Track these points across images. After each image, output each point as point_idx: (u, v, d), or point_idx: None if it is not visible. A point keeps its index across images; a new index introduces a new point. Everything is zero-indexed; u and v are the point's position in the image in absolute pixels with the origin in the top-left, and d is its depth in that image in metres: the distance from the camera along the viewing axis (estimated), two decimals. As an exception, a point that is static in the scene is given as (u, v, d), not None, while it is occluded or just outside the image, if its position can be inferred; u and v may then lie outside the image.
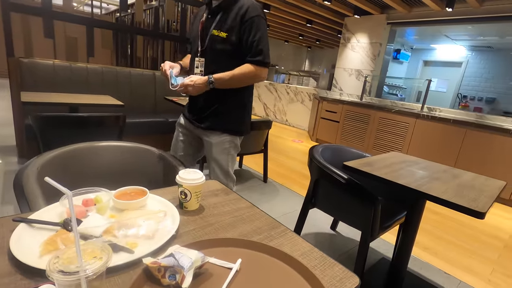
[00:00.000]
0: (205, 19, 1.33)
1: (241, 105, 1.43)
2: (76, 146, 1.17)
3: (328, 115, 4.97)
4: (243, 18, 1.26)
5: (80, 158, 1.17)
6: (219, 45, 1.29)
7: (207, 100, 1.37)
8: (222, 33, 1.27)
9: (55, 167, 1.06)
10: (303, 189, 2.92)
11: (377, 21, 5.24)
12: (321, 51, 11.73)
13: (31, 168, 0.97)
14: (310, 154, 1.72)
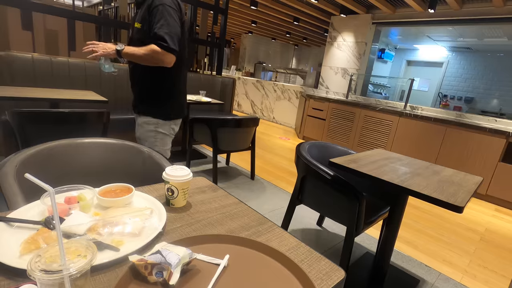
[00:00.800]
0: (134, 13, 1.54)
1: (166, 93, 1.60)
2: (57, 143, 1.13)
3: (314, 112, 5.03)
4: (149, 8, 1.40)
5: (62, 155, 1.13)
6: (136, 35, 1.47)
7: (138, 89, 1.62)
8: (137, 24, 1.45)
9: (35, 165, 1.02)
10: (290, 186, 2.94)
11: (363, 21, 5.33)
12: (308, 50, 11.82)
13: (9, 166, 0.93)
14: (297, 151, 1.73)
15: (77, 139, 1.20)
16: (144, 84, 1.58)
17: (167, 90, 1.60)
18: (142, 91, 1.60)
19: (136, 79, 1.60)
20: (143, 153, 1.27)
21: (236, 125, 2.60)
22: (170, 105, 1.63)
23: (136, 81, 1.60)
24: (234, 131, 2.63)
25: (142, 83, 1.59)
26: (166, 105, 1.61)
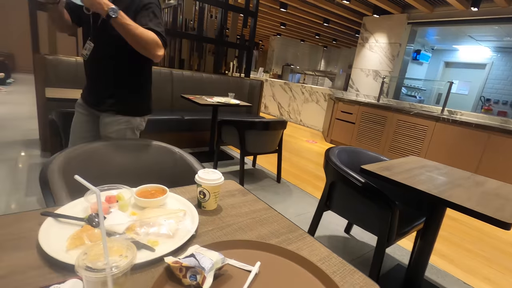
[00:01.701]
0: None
1: (136, 89, 1.44)
2: (99, 143, 1.21)
3: (343, 116, 4.90)
4: (137, 3, 1.25)
5: (102, 154, 1.20)
6: (115, 31, 1.20)
7: (106, 85, 1.39)
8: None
9: (78, 163, 1.09)
10: (317, 190, 2.89)
11: (397, 21, 5.11)
12: (338, 51, 11.57)
13: (55, 163, 1.00)
14: (326, 156, 1.70)
15: (117, 139, 1.27)
16: (125, 84, 1.41)
17: (147, 88, 1.49)
18: (120, 91, 1.41)
19: (117, 80, 1.38)
20: (174, 154, 1.31)
21: (264, 128, 2.60)
22: (147, 100, 1.51)
23: (117, 83, 1.39)
24: (262, 133, 2.64)
25: (122, 84, 1.40)
26: (143, 101, 1.49)
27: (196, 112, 3.44)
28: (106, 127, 1.43)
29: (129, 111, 1.44)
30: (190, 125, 3.46)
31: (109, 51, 1.31)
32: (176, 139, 3.40)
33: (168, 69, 3.57)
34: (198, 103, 2.87)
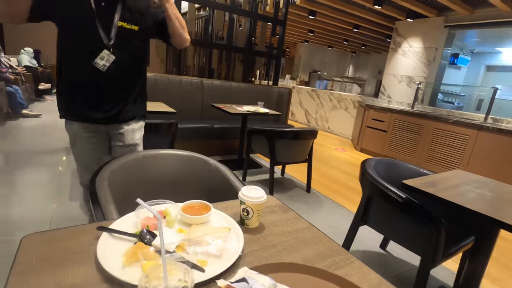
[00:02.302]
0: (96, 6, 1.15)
1: (145, 92, 1.46)
2: (140, 154, 1.25)
3: (374, 123, 4.73)
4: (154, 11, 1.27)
5: (143, 164, 1.24)
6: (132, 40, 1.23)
7: (127, 94, 1.34)
8: (132, 25, 1.22)
9: (122, 173, 1.14)
10: (348, 201, 2.80)
11: (433, 24, 4.88)
12: (367, 56, 11.27)
13: (103, 174, 1.05)
14: (362, 168, 1.64)
15: (156, 150, 1.31)
16: (139, 88, 1.40)
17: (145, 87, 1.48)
18: (137, 89, 1.38)
19: (130, 79, 1.33)
20: (210, 165, 1.32)
21: (294, 137, 2.58)
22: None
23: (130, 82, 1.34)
24: (292, 143, 2.61)
25: (138, 81, 1.38)
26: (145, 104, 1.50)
27: (225, 120, 3.50)
28: (134, 134, 1.42)
29: (145, 115, 1.49)
30: (220, 133, 3.51)
31: (130, 60, 1.29)
32: (206, 147, 3.47)
33: (199, 79, 3.67)
34: (228, 112, 2.91)
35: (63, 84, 1.27)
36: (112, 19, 1.17)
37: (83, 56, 1.18)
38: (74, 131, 1.31)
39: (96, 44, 1.16)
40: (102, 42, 1.17)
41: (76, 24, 1.15)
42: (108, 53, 1.18)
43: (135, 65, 1.32)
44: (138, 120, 1.43)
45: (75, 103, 1.27)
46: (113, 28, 1.17)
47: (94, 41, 1.16)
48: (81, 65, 1.21)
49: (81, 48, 1.19)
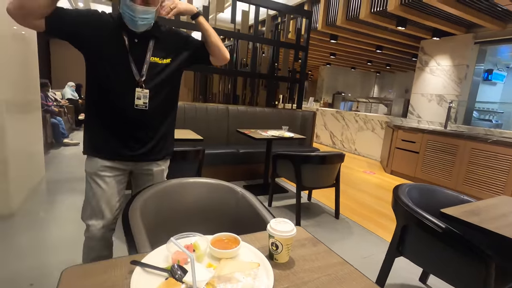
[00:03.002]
0: (130, 43, 1.15)
1: (174, 127, 1.42)
2: (169, 183, 1.28)
3: (404, 145, 4.54)
4: (184, 41, 1.29)
5: (172, 193, 1.26)
6: (161, 74, 1.22)
7: (160, 131, 1.30)
8: (164, 59, 1.22)
9: (153, 203, 1.17)
10: (380, 228, 2.64)
11: (462, 42, 4.74)
12: (392, 76, 11.09)
13: (135, 205, 1.08)
14: (395, 195, 1.56)
15: (184, 179, 1.33)
16: (171, 123, 1.37)
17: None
18: (169, 125, 1.36)
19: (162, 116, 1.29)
20: (237, 193, 1.32)
21: (320, 162, 2.53)
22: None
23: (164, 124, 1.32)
24: (319, 167, 2.57)
25: (170, 115, 1.35)
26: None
27: (250, 145, 3.53)
28: (163, 175, 1.39)
29: (172, 151, 1.42)
30: (245, 158, 3.55)
31: (163, 94, 1.25)
32: (231, 172, 3.51)
33: (225, 106, 3.79)
34: (253, 137, 2.95)
35: (92, 119, 1.24)
36: (145, 55, 1.17)
37: (114, 91, 1.16)
38: (97, 169, 1.22)
39: (128, 80, 1.15)
40: (134, 78, 1.16)
41: (108, 58, 1.14)
42: (141, 90, 1.17)
43: (168, 99, 1.30)
44: (166, 159, 1.40)
45: (104, 140, 1.21)
46: (145, 64, 1.17)
47: (126, 77, 1.15)
48: (112, 101, 1.17)
49: (112, 84, 1.16)
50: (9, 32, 2.33)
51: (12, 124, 2.34)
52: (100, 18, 1.14)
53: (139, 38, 1.16)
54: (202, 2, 4.98)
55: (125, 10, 1.07)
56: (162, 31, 1.23)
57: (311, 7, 5.07)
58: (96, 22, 1.12)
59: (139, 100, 1.17)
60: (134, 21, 1.08)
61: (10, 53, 2.33)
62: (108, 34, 1.13)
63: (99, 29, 1.12)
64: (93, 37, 1.11)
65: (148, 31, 1.16)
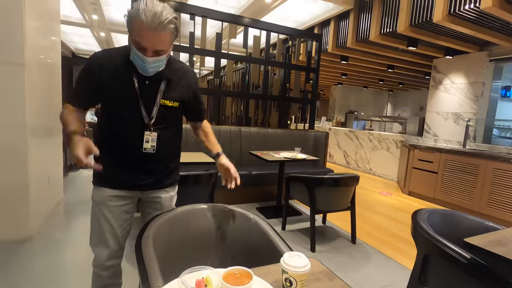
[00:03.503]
0: (140, 85, 1.13)
1: (180, 155, 1.43)
2: (181, 209, 1.27)
3: (422, 164, 4.41)
4: (192, 85, 1.28)
5: (184, 220, 1.25)
6: (168, 115, 1.21)
7: (168, 161, 1.31)
8: (174, 102, 1.20)
9: (165, 231, 1.16)
10: (400, 254, 2.52)
11: (476, 59, 4.68)
12: (405, 94, 11.00)
13: (147, 234, 1.06)
14: (414, 221, 1.49)
15: (196, 205, 1.31)
16: (179, 151, 1.40)
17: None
18: (176, 157, 1.38)
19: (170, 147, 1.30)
20: (249, 220, 1.29)
21: (334, 184, 2.49)
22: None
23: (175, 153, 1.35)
24: (333, 190, 2.52)
25: (177, 147, 1.37)
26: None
27: (263, 166, 3.52)
28: (172, 201, 1.38)
29: (179, 178, 1.42)
30: (258, 180, 3.53)
31: (170, 133, 1.26)
32: (244, 193, 3.49)
33: (237, 127, 3.84)
34: (266, 159, 2.95)
35: (102, 154, 1.18)
36: (155, 98, 1.16)
37: (123, 133, 1.17)
38: (104, 198, 1.22)
39: (137, 123, 1.15)
40: (143, 121, 1.15)
41: (120, 103, 1.14)
42: (149, 133, 1.17)
43: (175, 136, 1.32)
44: (175, 186, 1.40)
45: (112, 172, 1.21)
46: (154, 106, 1.16)
47: (136, 120, 1.15)
48: (121, 142, 1.19)
49: (122, 126, 1.17)
50: (36, 61, 2.49)
51: (35, 148, 2.45)
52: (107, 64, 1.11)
53: (150, 79, 1.14)
54: (215, 29, 5.21)
55: (135, 58, 1.06)
56: (173, 70, 1.20)
57: (321, 30, 5.19)
58: (105, 72, 1.11)
59: (147, 144, 1.18)
60: (144, 68, 1.08)
61: (36, 80, 2.48)
62: (119, 77, 1.12)
63: (109, 76, 1.11)
64: (108, 90, 1.13)
65: (160, 72, 1.13)
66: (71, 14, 5.22)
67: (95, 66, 1.11)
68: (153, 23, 0.96)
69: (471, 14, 3.26)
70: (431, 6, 3.36)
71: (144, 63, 1.05)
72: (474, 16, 3.31)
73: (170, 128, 1.25)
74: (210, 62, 4.35)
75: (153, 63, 1.07)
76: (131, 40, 1.04)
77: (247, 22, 3.87)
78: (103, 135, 1.23)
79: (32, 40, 2.36)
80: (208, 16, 3.61)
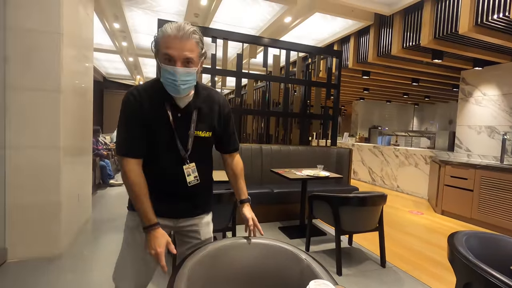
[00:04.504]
0: (174, 118, 1.11)
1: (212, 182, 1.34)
2: (222, 243, 1.13)
3: (455, 181, 4.14)
4: (224, 115, 1.23)
5: (223, 257, 1.11)
6: (201, 146, 1.17)
7: (203, 188, 1.22)
8: (206, 133, 1.17)
9: (201, 268, 1.02)
10: (435, 280, 2.33)
11: (509, 70, 4.45)
12: (432, 107, 10.59)
13: (183, 271, 0.93)
14: (451, 245, 1.38)
15: (237, 239, 1.16)
16: (211, 173, 1.32)
17: None
18: (211, 183, 1.32)
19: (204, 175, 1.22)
20: (302, 261, 1.08)
21: (360, 204, 2.38)
22: None
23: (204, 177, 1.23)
24: (359, 209, 2.41)
25: (211, 173, 1.31)
26: None
27: (285, 184, 3.47)
28: (209, 227, 1.30)
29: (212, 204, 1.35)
30: (280, 198, 3.47)
31: (205, 163, 1.23)
32: (266, 212, 3.43)
33: (258, 145, 3.84)
34: (288, 177, 2.90)
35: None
36: (188, 129, 1.13)
37: (159, 168, 1.13)
38: (138, 224, 1.12)
39: (174, 155, 1.13)
40: (179, 154, 1.13)
41: (157, 137, 1.11)
42: (188, 166, 1.14)
43: (209, 163, 1.28)
44: (209, 212, 1.32)
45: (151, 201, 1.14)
46: (190, 138, 1.13)
47: (172, 152, 1.12)
48: (159, 175, 1.14)
49: (159, 159, 1.13)
50: (71, 86, 2.67)
51: (67, 168, 2.58)
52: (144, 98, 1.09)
53: (182, 112, 1.12)
54: (236, 50, 5.37)
55: (166, 77, 1.03)
56: (203, 97, 1.17)
57: (340, 46, 5.19)
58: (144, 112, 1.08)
59: (190, 177, 1.15)
60: (176, 86, 1.04)
61: (70, 104, 2.65)
62: (155, 109, 1.09)
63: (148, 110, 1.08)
64: (148, 126, 1.10)
65: (191, 103, 1.12)
66: (103, 41, 5.62)
67: (136, 103, 1.08)
68: (179, 32, 1.00)
69: (500, 24, 3.13)
70: (456, 18, 3.27)
71: (175, 77, 1.02)
72: (504, 25, 3.17)
73: (205, 158, 1.22)
74: (231, 81, 4.45)
75: (184, 76, 1.03)
76: (160, 59, 1.04)
77: (267, 42, 3.95)
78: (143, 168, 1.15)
79: (68, 67, 2.55)
80: (229, 38, 3.74)
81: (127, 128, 1.09)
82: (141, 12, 4.17)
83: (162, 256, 1.01)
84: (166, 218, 1.18)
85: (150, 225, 1.05)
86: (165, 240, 1.05)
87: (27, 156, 2.33)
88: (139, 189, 1.07)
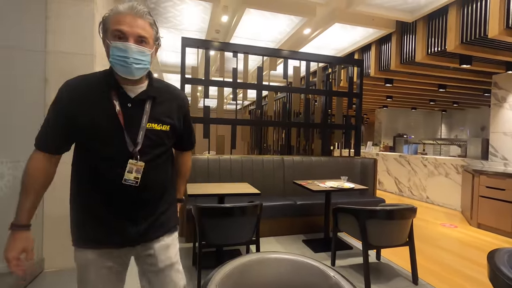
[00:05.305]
0: (122, 108, 0.96)
1: (175, 193, 1.21)
2: (249, 258, 1.09)
3: (491, 192, 3.88)
4: (183, 109, 1.12)
5: (250, 271, 1.07)
6: (159, 140, 1.03)
7: (160, 204, 1.07)
8: (164, 126, 1.03)
9: (231, 282, 0.98)
10: (476, 301, 2.16)
11: (546, 73, 4.17)
12: (462, 113, 10.10)
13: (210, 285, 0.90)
14: (492, 264, 1.28)
15: (263, 254, 1.12)
16: (173, 188, 1.18)
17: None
18: (172, 199, 1.15)
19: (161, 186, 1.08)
20: (330, 278, 1.03)
21: (388, 217, 2.29)
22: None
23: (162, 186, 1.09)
24: (387, 223, 2.31)
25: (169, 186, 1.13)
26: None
27: (308, 196, 3.42)
28: (168, 251, 1.10)
29: (178, 223, 1.18)
30: (303, 210, 3.41)
31: (161, 164, 1.06)
32: (289, 224, 3.38)
33: (280, 157, 3.83)
34: (311, 189, 2.86)
35: (77, 199, 1.03)
36: (140, 121, 0.98)
37: (102, 166, 0.97)
38: (88, 261, 1.01)
39: (119, 151, 0.95)
40: (127, 149, 0.96)
41: (98, 131, 0.95)
42: (134, 162, 0.96)
43: (166, 168, 1.10)
44: (171, 233, 1.12)
45: (93, 225, 1.00)
46: (140, 131, 0.97)
47: (117, 148, 0.95)
48: (99, 177, 0.97)
49: (100, 156, 0.97)
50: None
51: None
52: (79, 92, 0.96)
53: (132, 102, 0.98)
54: (256, 63, 5.46)
55: (115, 55, 0.91)
56: (158, 88, 1.05)
57: (361, 55, 5.13)
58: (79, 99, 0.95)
59: (130, 174, 0.95)
60: (127, 65, 0.91)
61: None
62: (95, 103, 0.95)
63: (85, 101, 0.95)
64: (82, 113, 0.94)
65: (144, 91, 1.00)
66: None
67: (69, 93, 0.96)
68: (132, 10, 0.92)
69: (534, 25, 2.96)
70: (485, 21, 3.14)
71: (127, 53, 0.90)
72: (538, 27, 3.00)
73: (160, 160, 1.05)
74: (252, 93, 4.51)
75: (138, 55, 0.92)
76: (109, 38, 0.92)
77: (286, 54, 3.99)
78: (76, 181, 1.03)
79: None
80: (250, 52, 3.82)
81: (48, 118, 0.97)
82: (165, 31, 4.37)
83: (12, 262, 0.89)
84: (118, 249, 1.02)
85: (18, 225, 0.93)
86: (21, 245, 0.92)
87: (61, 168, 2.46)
88: (33, 181, 0.96)
